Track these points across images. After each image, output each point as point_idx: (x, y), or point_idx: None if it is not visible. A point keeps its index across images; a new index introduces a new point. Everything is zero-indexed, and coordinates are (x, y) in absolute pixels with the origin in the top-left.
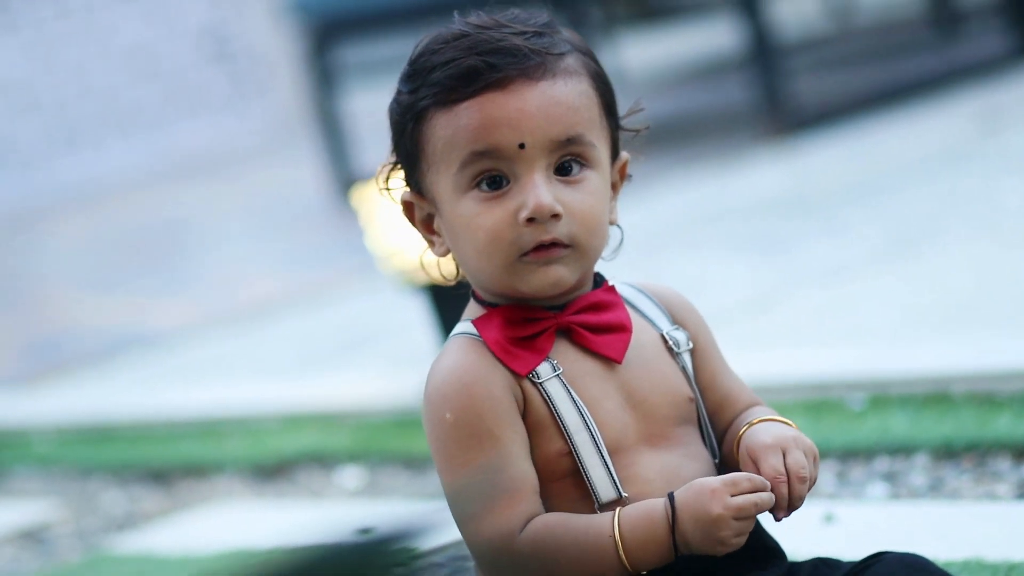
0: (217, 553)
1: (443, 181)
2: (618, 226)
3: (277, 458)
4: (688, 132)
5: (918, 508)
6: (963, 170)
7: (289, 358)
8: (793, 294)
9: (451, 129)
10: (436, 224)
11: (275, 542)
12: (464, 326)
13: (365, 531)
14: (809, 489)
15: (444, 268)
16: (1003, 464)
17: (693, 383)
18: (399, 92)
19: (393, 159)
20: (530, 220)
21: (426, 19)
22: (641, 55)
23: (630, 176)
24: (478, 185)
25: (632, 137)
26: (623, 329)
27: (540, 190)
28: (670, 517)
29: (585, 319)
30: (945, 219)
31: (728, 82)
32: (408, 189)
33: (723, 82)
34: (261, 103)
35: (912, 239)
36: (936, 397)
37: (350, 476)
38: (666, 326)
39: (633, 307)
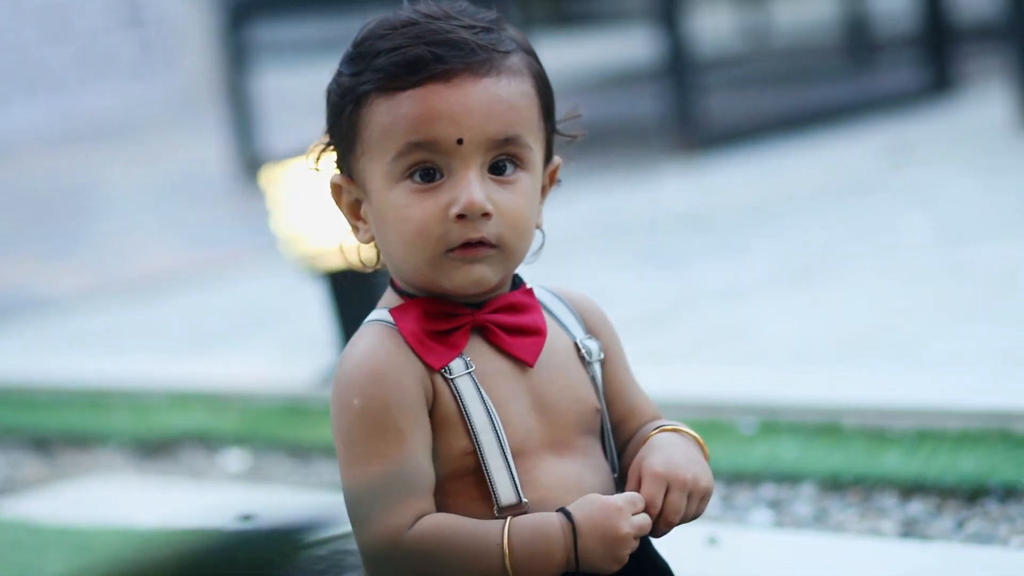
0: (95, 527)
1: (376, 168)
2: (541, 230)
3: (161, 435)
4: (598, 141)
5: (801, 538)
6: (868, 201)
7: (181, 335)
8: (691, 311)
9: (390, 116)
10: (363, 210)
11: (155, 520)
12: (380, 314)
13: (247, 518)
14: (692, 519)
15: (364, 254)
16: (889, 500)
17: (601, 394)
18: (340, 73)
19: (326, 140)
20: (460, 216)
21: (343, 3)
22: (555, 60)
23: (559, 181)
24: (411, 176)
25: (566, 143)
26: (538, 333)
27: (473, 187)
28: (571, 533)
29: (501, 319)
30: (846, 248)
31: (641, 94)
32: (338, 172)
33: (636, 93)
34: (169, 73)
35: (812, 266)
36: (827, 428)
37: (234, 459)
38: (580, 334)
39: (549, 312)
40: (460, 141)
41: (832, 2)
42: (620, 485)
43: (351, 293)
